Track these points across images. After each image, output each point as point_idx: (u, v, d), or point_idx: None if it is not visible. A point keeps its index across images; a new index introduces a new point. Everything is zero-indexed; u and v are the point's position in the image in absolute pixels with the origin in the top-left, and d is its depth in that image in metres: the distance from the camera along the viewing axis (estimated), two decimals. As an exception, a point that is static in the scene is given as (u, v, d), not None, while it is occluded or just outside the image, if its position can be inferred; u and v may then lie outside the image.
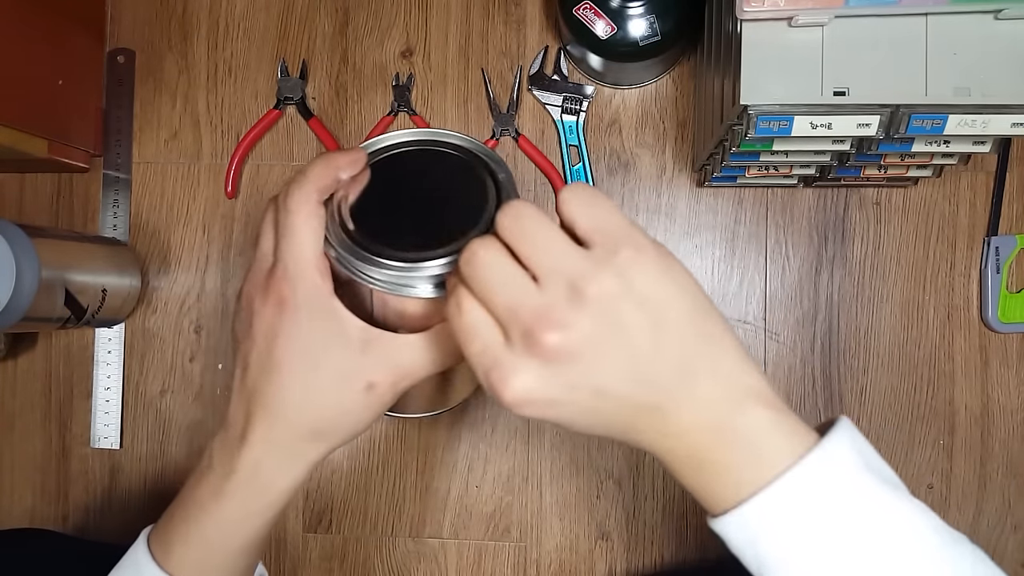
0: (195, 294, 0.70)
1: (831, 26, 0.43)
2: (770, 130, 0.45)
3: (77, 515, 0.70)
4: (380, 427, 0.69)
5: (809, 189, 0.66)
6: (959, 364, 0.65)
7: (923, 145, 0.50)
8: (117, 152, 0.71)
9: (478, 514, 0.68)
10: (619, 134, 0.68)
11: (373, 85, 0.70)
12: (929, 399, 0.65)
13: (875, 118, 0.44)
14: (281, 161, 0.70)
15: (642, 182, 0.68)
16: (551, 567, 0.67)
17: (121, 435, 0.70)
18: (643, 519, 0.67)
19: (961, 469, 0.65)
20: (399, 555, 0.68)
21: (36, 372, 0.70)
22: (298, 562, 0.69)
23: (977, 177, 0.66)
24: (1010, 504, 0.65)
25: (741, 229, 0.67)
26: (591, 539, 0.67)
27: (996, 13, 0.42)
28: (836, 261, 0.66)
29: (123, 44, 0.72)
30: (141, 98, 0.71)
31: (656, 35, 0.58)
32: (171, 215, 0.71)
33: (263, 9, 0.70)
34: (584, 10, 0.58)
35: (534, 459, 0.68)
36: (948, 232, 0.66)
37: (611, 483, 0.67)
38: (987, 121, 0.44)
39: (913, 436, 0.65)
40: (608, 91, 0.68)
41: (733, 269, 0.67)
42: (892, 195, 0.66)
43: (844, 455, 0.30)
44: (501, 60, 0.69)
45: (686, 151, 0.67)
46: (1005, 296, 0.64)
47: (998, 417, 0.65)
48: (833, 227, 0.66)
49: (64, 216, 0.72)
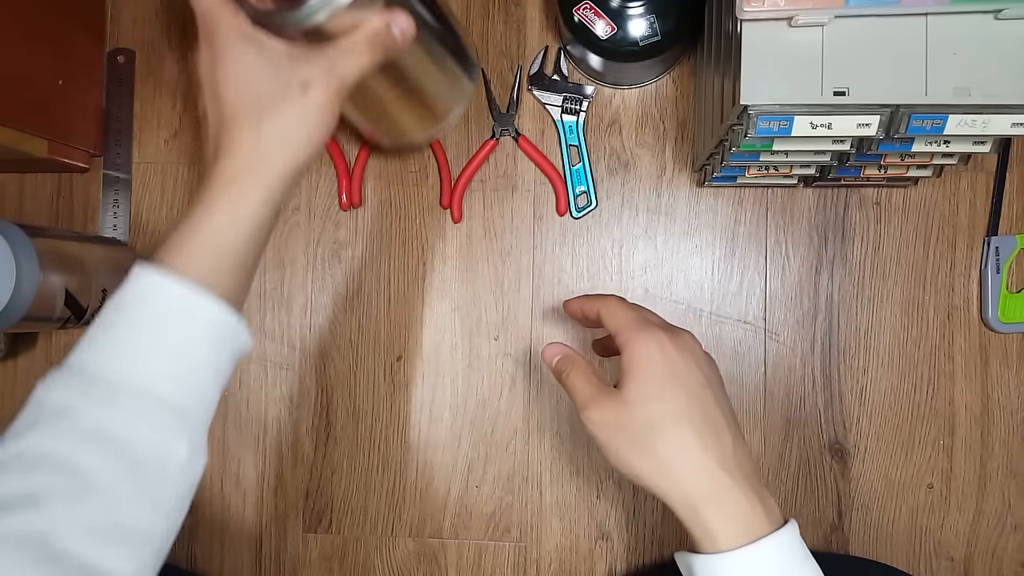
0: (195, 294, 0.70)
1: (831, 26, 0.43)
2: (770, 130, 0.45)
3: (77, 515, 0.70)
4: (380, 427, 0.69)
5: (809, 189, 0.66)
6: (959, 364, 0.65)
7: (923, 145, 0.50)
8: (117, 152, 0.71)
9: (478, 514, 0.68)
10: (619, 134, 0.68)
11: (373, 85, 0.70)
12: (929, 399, 0.66)
13: (875, 118, 0.44)
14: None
15: (642, 182, 0.68)
16: (551, 567, 0.67)
17: (121, 435, 0.70)
18: (643, 519, 0.67)
19: (961, 469, 0.65)
20: (399, 555, 0.68)
21: (36, 372, 0.70)
22: (298, 562, 0.69)
23: (977, 177, 0.66)
24: (1010, 504, 0.65)
25: (741, 229, 0.67)
26: (591, 539, 0.67)
27: (996, 13, 0.42)
28: (836, 261, 0.66)
29: (123, 44, 0.72)
30: (141, 98, 0.71)
31: (656, 35, 0.58)
32: (171, 215, 0.71)
33: (263, 9, 0.70)
34: (584, 10, 0.58)
35: (534, 459, 0.68)
36: (948, 232, 0.66)
37: (611, 483, 0.67)
38: (987, 121, 0.44)
39: (913, 436, 0.65)
40: (608, 91, 0.68)
41: (733, 269, 0.67)
42: (892, 195, 0.66)
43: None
44: (501, 60, 0.69)
45: (686, 151, 0.67)
46: (1005, 296, 0.64)
47: (998, 417, 0.65)
48: (833, 227, 0.66)
49: (64, 216, 0.72)
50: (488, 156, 0.68)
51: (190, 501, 0.41)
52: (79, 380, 0.38)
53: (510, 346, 0.68)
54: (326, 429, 0.69)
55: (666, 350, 0.44)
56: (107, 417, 0.38)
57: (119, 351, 0.39)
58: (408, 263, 0.69)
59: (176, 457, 0.39)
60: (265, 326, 0.70)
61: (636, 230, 0.68)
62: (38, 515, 0.36)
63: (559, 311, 0.68)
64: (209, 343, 0.41)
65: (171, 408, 0.39)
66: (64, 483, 0.37)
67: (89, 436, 0.37)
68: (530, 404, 0.68)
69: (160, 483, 0.39)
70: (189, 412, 0.40)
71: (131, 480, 0.38)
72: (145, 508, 0.38)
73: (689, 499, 0.42)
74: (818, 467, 0.66)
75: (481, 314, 0.68)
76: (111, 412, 0.38)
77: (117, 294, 0.40)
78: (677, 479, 0.42)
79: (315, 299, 0.70)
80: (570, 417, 0.68)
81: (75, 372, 0.39)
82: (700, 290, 0.67)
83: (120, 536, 0.38)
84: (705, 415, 0.43)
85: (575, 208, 0.68)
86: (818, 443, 0.66)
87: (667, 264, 0.68)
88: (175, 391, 0.39)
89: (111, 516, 0.37)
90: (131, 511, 0.38)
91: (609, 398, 0.44)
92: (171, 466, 0.39)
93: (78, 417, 0.38)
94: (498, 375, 0.68)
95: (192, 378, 0.40)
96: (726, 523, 0.41)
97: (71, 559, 0.36)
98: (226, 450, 0.70)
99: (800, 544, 0.43)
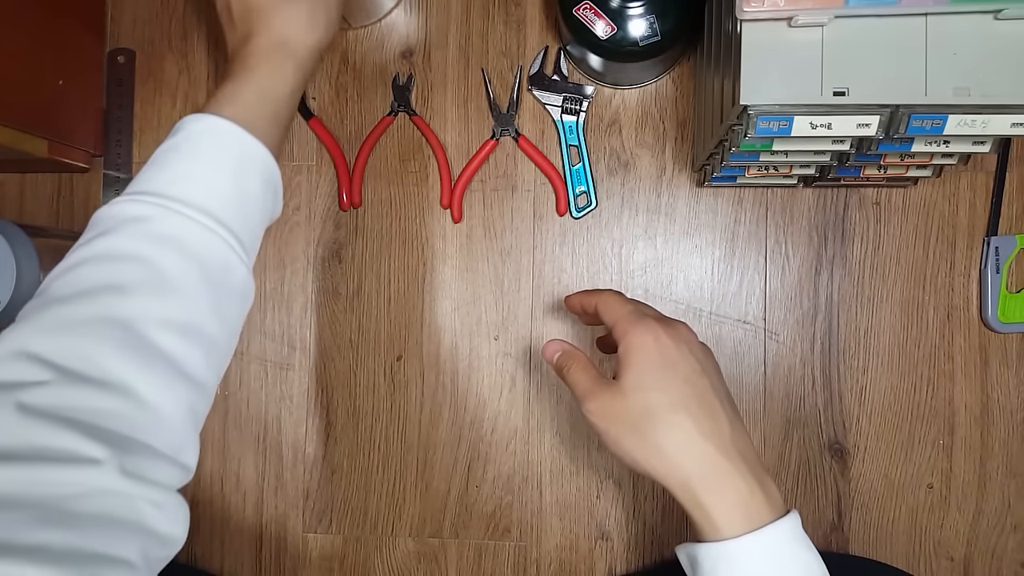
0: (195, 294, 0.70)
1: (831, 26, 0.43)
2: (770, 130, 0.45)
3: (77, 515, 0.70)
4: (380, 427, 0.69)
5: (809, 189, 0.66)
6: (959, 364, 0.65)
7: (923, 145, 0.50)
8: (117, 152, 0.71)
9: (478, 514, 0.68)
10: (619, 134, 0.68)
11: (373, 85, 0.70)
12: (929, 399, 0.66)
13: (875, 118, 0.44)
14: (281, 161, 0.70)
15: (642, 182, 0.68)
16: (551, 567, 0.67)
17: (121, 435, 0.70)
18: (643, 519, 0.67)
19: (961, 469, 0.65)
20: (399, 555, 0.68)
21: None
22: (298, 562, 0.69)
23: (977, 177, 0.66)
24: (1010, 504, 0.65)
25: (741, 229, 0.67)
26: (591, 539, 0.67)
27: (996, 13, 0.42)
28: (836, 261, 0.66)
29: (123, 44, 0.72)
30: (141, 98, 0.71)
31: (656, 35, 0.58)
32: (171, 215, 0.71)
33: (263, 9, 0.71)
34: (584, 10, 0.58)
35: (534, 459, 0.68)
36: (948, 232, 0.66)
37: (611, 483, 0.67)
38: (987, 121, 0.44)
39: (913, 436, 0.65)
40: (608, 91, 0.68)
41: (733, 269, 0.67)
42: (892, 195, 0.66)
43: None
44: (501, 60, 0.69)
45: (686, 151, 0.67)
46: (1005, 296, 0.65)
47: (998, 417, 0.65)
48: (833, 227, 0.66)
49: (64, 216, 0.72)
50: (488, 156, 0.68)
51: (240, 330, 0.43)
52: (151, 196, 0.40)
53: (510, 346, 0.68)
54: (326, 429, 0.69)
55: (661, 340, 0.45)
56: (182, 226, 0.40)
57: (187, 176, 0.41)
58: (408, 263, 0.69)
59: (240, 275, 0.42)
60: (265, 326, 0.70)
61: (636, 230, 0.68)
62: (126, 301, 0.37)
63: (559, 311, 0.68)
64: (263, 184, 0.44)
65: (233, 233, 0.41)
66: (148, 277, 0.38)
67: (167, 240, 0.39)
68: (530, 404, 0.68)
69: (228, 297, 0.41)
70: (245, 242, 0.43)
71: (205, 287, 0.40)
72: (215, 317, 0.40)
73: (688, 484, 0.43)
74: (818, 467, 0.66)
75: (481, 314, 0.68)
76: (185, 222, 0.40)
77: (171, 137, 0.43)
78: (676, 464, 0.43)
79: (315, 299, 0.70)
80: (570, 417, 0.68)
81: (144, 192, 0.41)
82: (700, 290, 0.67)
83: (196, 336, 0.39)
84: (701, 402, 0.44)
85: (575, 208, 0.68)
86: (818, 443, 0.66)
87: (667, 264, 0.68)
88: (237, 220, 0.42)
89: (189, 316, 0.39)
90: (205, 316, 0.40)
91: (607, 389, 0.45)
92: (236, 283, 0.42)
93: (154, 223, 0.39)
94: (498, 375, 0.68)
95: (249, 212, 0.43)
96: (726, 508, 0.42)
97: (155, 347, 0.37)
98: (226, 450, 0.70)
99: (803, 534, 0.43)
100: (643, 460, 0.44)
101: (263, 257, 0.70)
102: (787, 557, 0.42)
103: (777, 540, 0.42)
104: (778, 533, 0.42)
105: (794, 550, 0.42)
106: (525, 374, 0.68)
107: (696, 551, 0.43)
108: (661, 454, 0.43)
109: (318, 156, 0.70)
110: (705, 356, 0.47)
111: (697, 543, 0.43)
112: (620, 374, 0.45)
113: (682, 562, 0.45)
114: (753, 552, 0.41)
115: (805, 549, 0.42)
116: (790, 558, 0.42)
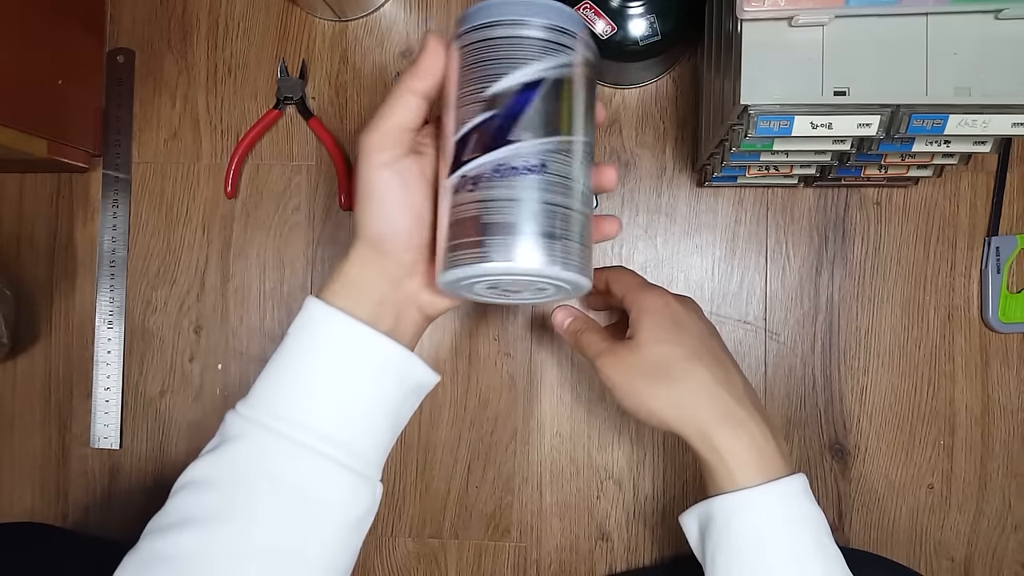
0: (195, 294, 0.70)
1: (831, 26, 0.43)
2: (770, 130, 0.45)
3: (77, 515, 0.70)
4: (380, 427, 0.68)
5: (809, 189, 0.66)
6: (959, 364, 0.65)
7: (923, 145, 0.49)
8: (117, 152, 0.71)
9: (478, 514, 0.68)
10: (619, 134, 0.68)
11: (373, 85, 0.70)
12: (929, 399, 0.65)
13: (875, 118, 0.44)
14: (281, 161, 0.70)
15: (642, 182, 0.68)
16: (551, 567, 0.67)
17: (121, 435, 0.70)
18: (643, 519, 0.67)
19: (961, 469, 0.65)
20: (399, 555, 0.68)
21: (36, 372, 0.70)
22: (298, 562, 0.69)
23: (977, 177, 0.66)
24: (1010, 504, 0.65)
25: (741, 229, 0.67)
26: (591, 539, 0.67)
27: (996, 13, 0.42)
28: (836, 261, 0.66)
29: (123, 44, 0.72)
30: (141, 98, 0.71)
31: (656, 35, 0.58)
32: (171, 215, 0.71)
33: (263, 9, 0.70)
34: (584, 10, 0.58)
35: (534, 459, 0.68)
36: (948, 232, 0.66)
37: (611, 483, 0.67)
38: (987, 121, 0.44)
39: (913, 436, 0.65)
40: (608, 91, 0.68)
41: (733, 269, 0.67)
42: (892, 195, 0.66)
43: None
44: (501, 60, 0.69)
45: (686, 151, 0.67)
46: (1005, 296, 0.64)
47: (998, 417, 0.65)
48: (833, 227, 0.66)
49: (64, 216, 0.72)
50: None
51: (359, 535, 0.41)
52: (258, 412, 0.41)
53: (510, 346, 0.68)
54: (326, 429, 0.69)
55: (671, 304, 0.47)
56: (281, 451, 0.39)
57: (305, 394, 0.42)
58: (408, 263, 0.69)
59: (338, 492, 0.40)
60: (265, 326, 0.70)
61: (636, 230, 0.68)
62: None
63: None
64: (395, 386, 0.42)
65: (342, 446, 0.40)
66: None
67: (261, 470, 0.38)
68: (530, 404, 0.68)
69: (317, 517, 0.39)
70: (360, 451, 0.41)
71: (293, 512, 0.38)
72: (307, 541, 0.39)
73: (704, 430, 0.43)
74: (818, 467, 0.66)
75: (481, 314, 0.68)
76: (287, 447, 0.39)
77: (299, 333, 0.42)
78: (692, 410, 0.44)
79: (315, 299, 0.70)
80: (570, 417, 0.68)
81: (255, 405, 0.42)
82: (700, 290, 0.67)
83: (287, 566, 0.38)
84: (714, 355, 0.46)
85: (575, 208, 0.68)
86: (818, 443, 0.66)
87: (667, 264, 0.67)
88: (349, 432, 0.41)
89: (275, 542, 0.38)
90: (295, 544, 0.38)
91: (622, 345, 0.46)
92: (332, 499, 0.39)
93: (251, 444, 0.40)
94: (498, 375, 0.68)
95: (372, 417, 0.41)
96: (741, 451, 0.42)
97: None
98: (226, 450, 0.70)
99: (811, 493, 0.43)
100: (659, 410, 0.44)
101: (263, 257, 0.70)
102: (801, 512, 0.42)
103: (792, 494, 0.42)
104: (792, 487, 0.42)
105: (807, 506, 0.42)
106: (525, 374, 0.68)
107: (710, 506, 0.43)
108: (677, 402, 0.44)
109: (318, 156, 0.70)
110: (713, 327, 0.49)
111: (710, 499, 0.43)
112: (634, 333, 0.46)
113: (689, 529, 0.45)
114: (769, 503, 0.41)
115: (816, 507, 0.43)
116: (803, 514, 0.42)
